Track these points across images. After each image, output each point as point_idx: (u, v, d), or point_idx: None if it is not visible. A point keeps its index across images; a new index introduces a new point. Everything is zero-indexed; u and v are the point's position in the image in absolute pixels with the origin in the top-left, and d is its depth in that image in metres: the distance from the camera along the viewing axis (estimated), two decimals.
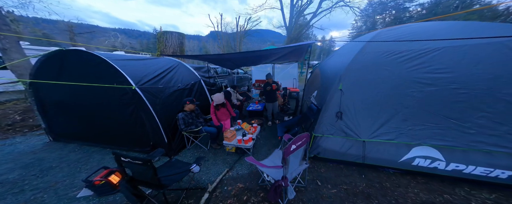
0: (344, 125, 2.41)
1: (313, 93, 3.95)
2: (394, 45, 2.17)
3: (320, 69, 4.44)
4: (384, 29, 2.49)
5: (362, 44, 2.44)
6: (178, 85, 3.10)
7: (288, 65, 7.54)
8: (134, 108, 2.33)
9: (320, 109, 2.60)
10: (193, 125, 2.74)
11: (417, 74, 1.99)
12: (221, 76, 6.53)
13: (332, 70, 3.20)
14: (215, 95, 3.03)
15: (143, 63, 2.89)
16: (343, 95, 2.35)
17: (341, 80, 2.41)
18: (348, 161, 2.53)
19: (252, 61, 3.84)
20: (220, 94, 3.07)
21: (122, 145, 2.77)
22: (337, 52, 3.80)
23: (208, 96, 4.06)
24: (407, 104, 2.03)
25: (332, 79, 2.85)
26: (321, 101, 3.09)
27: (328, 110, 2.50)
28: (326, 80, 3.33)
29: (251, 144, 2.78)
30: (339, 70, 2.73)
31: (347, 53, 2.88)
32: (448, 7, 20.59)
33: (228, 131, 2.87)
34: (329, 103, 2.50)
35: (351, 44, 3.12)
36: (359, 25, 33.36)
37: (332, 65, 3.51)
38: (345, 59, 2.74)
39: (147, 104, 2.26)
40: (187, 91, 3.33)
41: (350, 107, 2.36)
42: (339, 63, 3.03)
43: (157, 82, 2.63)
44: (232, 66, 4.55)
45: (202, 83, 3.95)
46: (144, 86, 2.33)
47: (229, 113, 3.27)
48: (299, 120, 3.15)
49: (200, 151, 3.07)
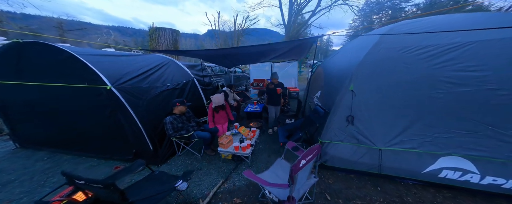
0: (356, 131, 2.12)
1: (316, 93, 3.65)
2: (415, 40, 1.88)
3: (323, 68, 4.15)
4: (399, 23, 2.20)
5: (375, 39, 2.14)
6: (167, 85, 2.73)
7: (287, 64, 7.23)
8: (112, 111, 1.96)
9: (327, 112, 2.29)
10: (183, 130, 2.39)
11: (444, 72, 1.70)
12: (218, 75, 6.17)
13: (339, 68, 2.90)
14: (214, 96, 2.68)
15: (126, 59, 2.51)
16: (355, 97, 2.05)
17: (352, 80, 2.10)
18: (360, 171, 2.24)
19: (250, 59, 3.48)
20: (220, 94, 2.72)
21: (100, 153, 2.39)
22: (343, 49, 3.51)
23: (202, 96, 3.71)
24: (433, 107, 1.74)
25: (339, 79, 2.55)
26: (326, 103, 2.79)
27: (337, 114, 2.20)
28: (331, 80, 3.03)
29: (250, 151, 2.45)
30: (347, 69, 2.43)
31: (356, 50, 2.58)
32: (443, 7, 20.74)
33: (223, 136, 2.53)
34: (338, 105, 2.20)
35: (361, 40, 2.82)
36: (356, 24, 33.42)
37: (338, 63, 3.21)
38: (355, 57, 2.44)
39: (127, 107, 1.90)
40: (178, 91, 2.97)
41: (363, 110, 2.06)
42: (346, 61, 2.73)
43: (141, 81, 2.26)
44: (229, 64, 4.20)
45: (196, 82, 3.60)
46: (123, 86, 1.96)
47: (228, 117, 2.93)
48: (302, 124, 2.84)
49: (192, 159, 2.72)
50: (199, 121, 2.68)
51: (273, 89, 3.19)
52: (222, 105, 2.73)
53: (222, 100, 2.68)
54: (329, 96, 2.78)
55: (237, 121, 4.24)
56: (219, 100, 2.69)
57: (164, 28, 7.87)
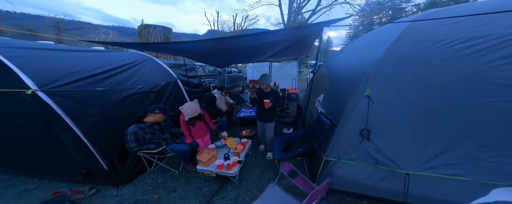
0: (373, 149, 1.63)
1: (318, 97, 3.17)
2: (454, 30, 1.41)
3: (327, 68, 3.67)
4: (429, 11, 1.72)
5: (397, 31, 1.66)
6: (139, 87, 2.24)
7: (286, 64, 6.75)
8: (46, 122, 1.46)
9: (335, 124, 1.80)
10: (153, 143, 1.89)
11: (503, 72, 1.22)
12: (211, 75, 5.68)
13: (347, 68, 2.42)
14: (185, 106, 2.04)
15: (77, 56, 1.98)
16: (373, 105, 1.57)
17: (368, 83, 1.62)
18: (377, 197, 1.76)
19: (243, 56, 2.99)
20: (193, 103, 2.08)
21: (41, 173, 1.87)
22: (351, 46, 3.03)
23: (188, 100, 3.22)
24: (487, 120, 1.26)
25: (349, 81, 2.06)
26: (331, 109, 2.31)
27: (348, 126, 1.72)
28: (337, 82, 2.55)
29: (236, 170, 1.96)
30: (360, 69, 1.95)
31: (370, 45, 2.10)
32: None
33: (204, 152, 2.04)
34: (350, 116, 1.71)
35: (376, 33, 2.34)
36: (356, 24, 33.20)
37: (345, 62, 2.73)
38: (370, 53, 1.96)
39: (61, 117, 1.39)
40: (155, 94, 2.48)
41: (383, 122, 1.58)
42: (357, 59, 2.25)
43: (97, 83, 1.77)
44: (219, 63, 3.71)
45: (180, 84, 3.11)
46: (59, 90, 1.44)
47: (208, 127, 2.41)
48: (302, 135, 2.36)
49: (167, 176, 2.23)
50: (175, 132, 2.18)
51: (259, 100, 2.24)
52: (198, 115, 2.13)
53: (197, 109, 2.08)
54: (334, 102, 2.30)
55: (230, 128, 3.75)
56: (193, 110, 2.03)
57: (154, 25, 7.34)
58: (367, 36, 2.66)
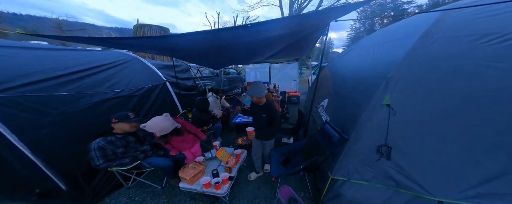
0: (394, 169, 1.32)
1: (321, 101, 2.87)
2: (499, 23, 1.11)
3: (331, 70, 3.37)
4: (463, 1, 1.43)
5: (423, 25, 1.36)
6: (116, 91, 1.95)
7: (286, 65, 6.47)
8: None
9: (345, 138, 1.49)
10: (127, 158, 1.59)
11: None
12: (207, 77, 5.40)
13: (357, 71, 2.11)
14: (148, 124, 1.58)
15: (44, 54, 1.69)
16: (395, 116, 1.27)
17: (388, 89, 1.32)
18: None
19: (241, 57, 2.69)
20: (160, 118, 1.64)
21: None
22: (361, 44, 2.73)
23: (178, 105, 2.93)
24: None
25: (361, 86, 1.76)
26: (337, 118, 2.00)
27: (362, 141, 1.41)
28: (345, 87, 2.25)
29: (227, 188, 1.66)
30: (374, 72, 1.64)
31: (386, 43, 1.80)
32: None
33: (189, 166, 1.73)
34: (364, 128, 1.41)
35: (392, 29, 2.03)
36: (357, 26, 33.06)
37: (353, 63, 2.42)
38: (387, 54, 1.66)
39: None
40: (137, 98, 2.19)
41: (409, 138, 1.26)
42: (369, 60, 1.94)
43: (59, 86, 1.48)
44: (214, 64, 3.42)
45: (168, 87, 2.82)
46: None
47: (197, 137, 2.09)
48: (305, 147, 2.06)
49: (148, 192, 1.93)
50: (158, 143, 1.88)
51: (254, 114, 1.90)
52: (175, 130, 1.73)
53: (167, 126, 1.63)
54: (341, 109, 1.99)
55: (225, 134, 3.45)
56: (161, 128, 1.59)
57: (150, 25, 7.11)
58: (379, 33, 2.36)
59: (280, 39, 1.84)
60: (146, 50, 1.76)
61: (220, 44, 1.74)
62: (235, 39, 1.58)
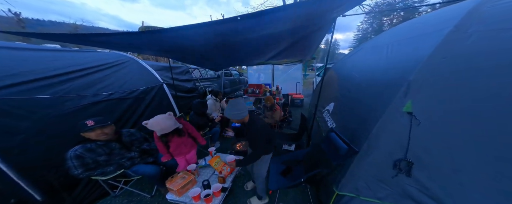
0: (416, 187, 1.10)
1: (326, 105, 2.66)
2: None
3: (337, 72, 3.15)
4: None
5: (453, 17, 1.15)
6: (107, 93, 1.85)
7: (290, 67, 6.27)
8: None
9: (355, 151, 1.28)
10: (111, 166, 1.45)
11: None
12: (208, 79, 5.30)
13: (368, 73, 1.89)
14: (150, 122, 1.49)
15: (28, 55, 1.59)
16: (418, 126, 1.06)
17: (410, 95, 1.11)
18: None
19: (242, 57, 2.52)
20: (162, 117, 1.55)
21: None
22: (371, 43, 2.52)
23: (174, 107, 2.81)
24: None
25: (373, 90, 1.55)
26: (345, 125, 1.79)
27: (375, 153, 1.20)
28: (353, 90, 2.04)
29: (219, 201, 1.49)
30: (390, 74, 1.43)
31: (403, 41, 1.58)
32: None
33: (178, 176, 1.59)
34: (378, 139, 1.20)
35: (410, 25, 1.81)
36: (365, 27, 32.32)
37: (364, 64, 2.20)
38: (405, 51, 1.44)
39: None
40: (130, 101, 2.08)
41: (435, 152, 1.05)
42: (383, 60, 1.73)
43: (41, 89, 1.38)
44: (214, 66, 3.29)
45: (165, 89, 2.71)
46: None
47: (195, 142, 1.95)
48: (307, 156, 1.86)
49: (137, 200, 1.80)
50: (147, 149, 1.75)
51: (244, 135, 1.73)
52: (176, 130, 1.64)
53: (169, 125, 1.54)
54: (350, 115, 1.78)
55: (224, 138, 3.29)
56: (162, 126, 1.50)
57: (154, 26, 7.21)
58: (392, 31, 2.13)
59: (283, 36, 1.66)
60: (131, 49, 1.64)
61: (217, 42, 1.58)
62: (235, 35, 1.40)
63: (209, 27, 1.12)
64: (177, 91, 3.42)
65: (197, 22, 1.60)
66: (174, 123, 1.59)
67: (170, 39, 1.30)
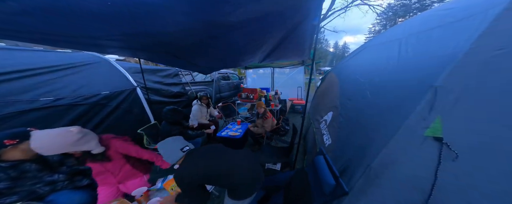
0: None
1: (324, 115, 2.19)
2: None
3: (338, 75, 2.66)
4: None
5: None
6: (50, 99, 1.56)
7: (291, 70, 5.83)
8: None
9: (344, 192, 0.81)
10: (15, 195, 1.08)
11: None
12: (200, 82, 5.02)
13: (376, 76, 1.43)
14: (40, 133, 1.04)
15: None
16: (454, 162, 0.60)
17: (436, 108, 0.66)
18: None
19: (227, 55, 2.10)
20: (58, 132, 1.07)
21: None
22: (380, 39, 2.05)
23: (149, 115, 2.50)
24: None
25: (381, 101, 1.09)
26: (343, 144, 1.32)
27: (374, 195, 0.74)
28: (354, 97, 1.57)
29: None
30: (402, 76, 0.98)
31: (423, 33, 1.11)
32: None
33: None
34: (380, 175, 0.74)
35: (441, 10, 1.32)
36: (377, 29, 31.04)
37: (370, 65, 1.74)
38: (430, 45, 0.98)
39: None
40: (84, 108, 1.76)
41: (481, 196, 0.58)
42: (396, 57, 1.26)
43: None
44: (201, 68, 2.97)
45: (139, 94, 2.41)
46: None
47: (147, 165, 1.52)
48: (289, 184, 1.38)
49: None
50: (83, 168, 1.38)
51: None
52: (87, 153, 1.19)
53: (59, 143, 1.06)
54: (348, 133, 1.32)
55: None
56: (46, 142, 1.03)
57: None
58: (409, 22, 1.65)
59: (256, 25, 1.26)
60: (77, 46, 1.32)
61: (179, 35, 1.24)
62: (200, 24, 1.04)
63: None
64: (161, 95, 3.15)
65: None
66: (74, 142, 1.10)
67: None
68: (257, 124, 2.97)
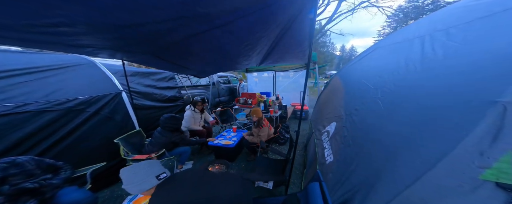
0: None
1: (327, 125, 1.91)
2: None
3: (344, 80, 2.36)
4: None
5: None
6: (11, 104, 1.39)
7: (296, 73, 5.55)
8: None
9: None
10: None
11: None
12: (199, 86, 4.85)
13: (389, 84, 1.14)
14: None
15: None
16: None
17: (503, 137, 0.38)
18: None
19: (216, 56, 1.89)
20: None
21: None
22: (392, 39, 1.75)
23: (134, 121, 2.31)
24: None
25: (397, 117, 0.80)
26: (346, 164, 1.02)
27: None
28: (361, 107, 1.29)
29: None
30: (432, 86, 0.70)
31: (460, 25, 0.83)
32: None
33: None
34: None
35: (468, 4, 1.03)
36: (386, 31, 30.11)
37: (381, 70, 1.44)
38: (473, 43, 0.70)
39: None
40: (56, 115, 1.58)
41: None
42: (420, 60, 0.96)
43: None
44: (195, 72, 2.77)
45: (124, 98, 2.24)
46: None
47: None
48: None
49: None
50: (32, 187, 1.18)
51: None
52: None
53: None
54: (353, 151, 1.03)
55: (203, 157, 2.67)
56: None
57: None
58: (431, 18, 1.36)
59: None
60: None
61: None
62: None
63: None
64: (152, 100, 2.98)
65: None
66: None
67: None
68: (253, 133, 2.71)
